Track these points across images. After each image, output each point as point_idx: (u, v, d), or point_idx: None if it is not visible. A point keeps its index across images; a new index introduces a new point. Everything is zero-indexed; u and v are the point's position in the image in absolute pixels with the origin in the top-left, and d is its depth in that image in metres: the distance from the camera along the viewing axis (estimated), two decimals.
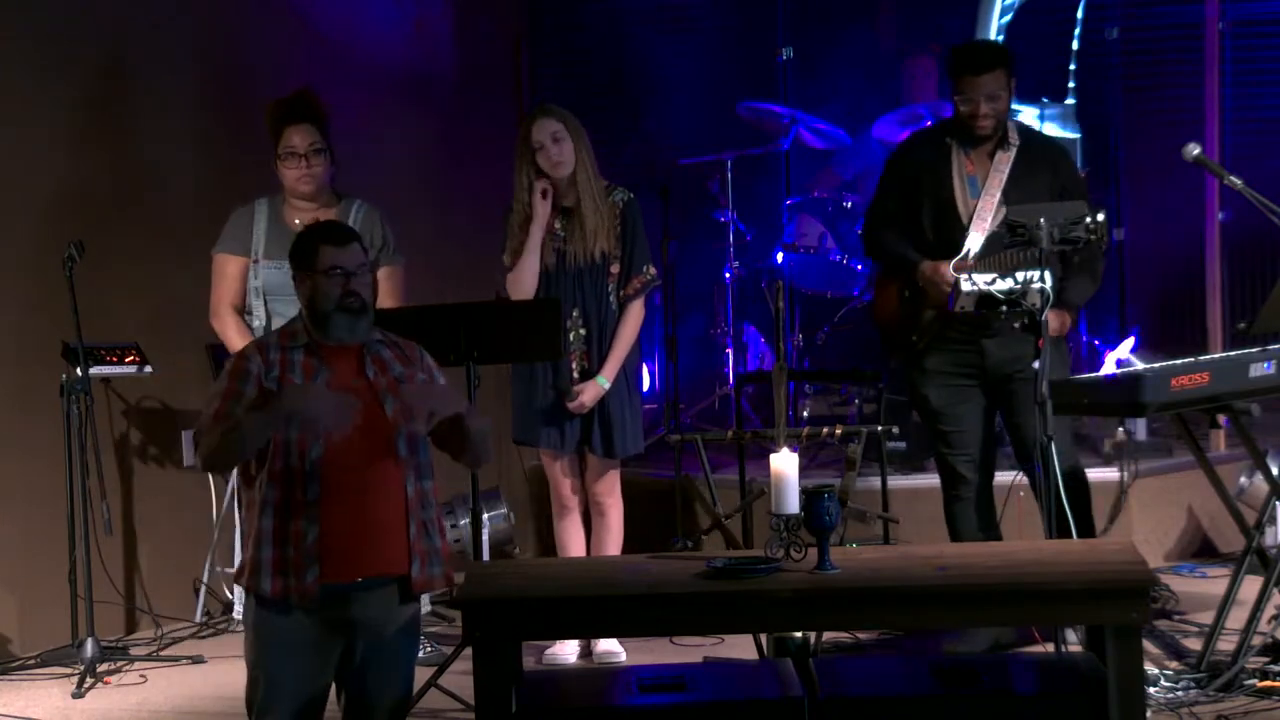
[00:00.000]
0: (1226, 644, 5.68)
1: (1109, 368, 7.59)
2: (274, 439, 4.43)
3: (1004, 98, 5.87)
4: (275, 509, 4.45)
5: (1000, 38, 8.13)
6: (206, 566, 7.02)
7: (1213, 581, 6.85)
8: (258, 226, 6.07)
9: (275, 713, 4.48)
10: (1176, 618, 6.40)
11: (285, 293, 5.49)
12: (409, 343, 4.69)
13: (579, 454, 6.23)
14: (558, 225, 6.15)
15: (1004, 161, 5.93)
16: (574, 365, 6.13)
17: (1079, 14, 8.36)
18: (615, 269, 6.15)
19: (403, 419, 4.48)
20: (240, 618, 6.76)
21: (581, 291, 6.14)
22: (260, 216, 6.08)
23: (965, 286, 5.56)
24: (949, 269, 5.84)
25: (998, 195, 5.88)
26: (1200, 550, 7.37)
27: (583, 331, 6.14)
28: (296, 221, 5.95)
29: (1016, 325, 5.79)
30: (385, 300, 6.14)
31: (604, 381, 6.09)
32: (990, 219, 5.84)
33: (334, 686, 4.58)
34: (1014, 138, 5.96)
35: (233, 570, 6.27)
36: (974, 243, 5.80)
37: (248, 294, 6.08)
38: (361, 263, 4.54)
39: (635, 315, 6.18)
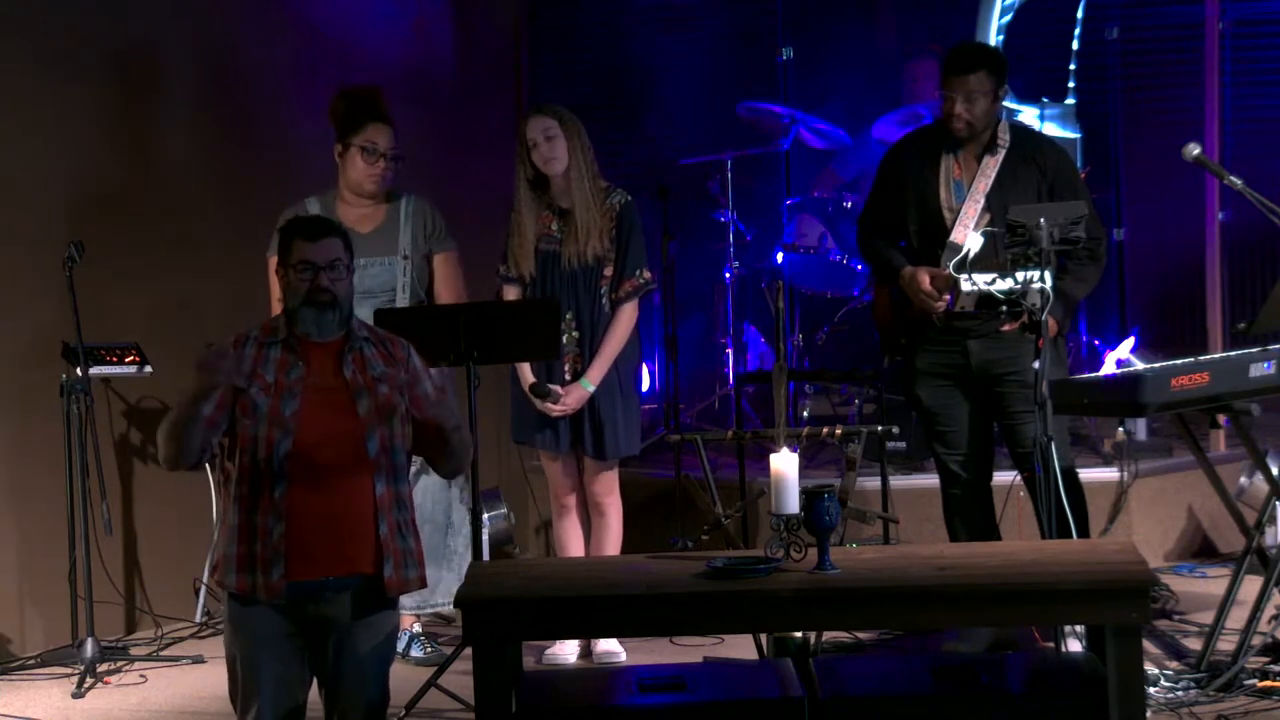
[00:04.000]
0: (1226, 644, 5.68)
1: (1109, 368, 7.58)
2: (241, 434, 4.44)
3: (984, 100, 5.83)
4: (242, 505, 4.46)
5: (1000, 38, 8.13)
6: (206, 566, 7.01)
7: (1213, 581, 6.85)
8: None
9: (256, 706, 4.49)
10: (1176, 618, 6.40)
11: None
12: (397, 339, 4.67)
13: (576, 455, 6.23)
14: (554, 227, 6.16)
15: (991, 166, 5.91)
16: (567, 368, 6.14)
17: (1079, 14, 8.36)
18: (608, 271, 6.16)
19: (376, 418, 4.48)
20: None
21: (575, 294, 6.14)
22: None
23: (965, 286, 5.56)
24: (926, 276, 5.84)
25: (981, 200, 5.87)
26: (1200, 550, 7.37)
27: (575, 334, 6.14)
28: (350, 217, 5.96)
29: (1005, 328, 5.81)
30: (443, 285, 6.22)
31: (588, 385, 6.09)
32: (972, 224, 5.83)
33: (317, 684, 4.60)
34: (1004, 140, 5.93)
35: None
36: (953, 248, 5.77)
37: None
38: (336, 258, 4.52)
39: (626, 319, 6.17)
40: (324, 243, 4.52)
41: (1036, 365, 5.28)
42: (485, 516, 6.18)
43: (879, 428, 6.02)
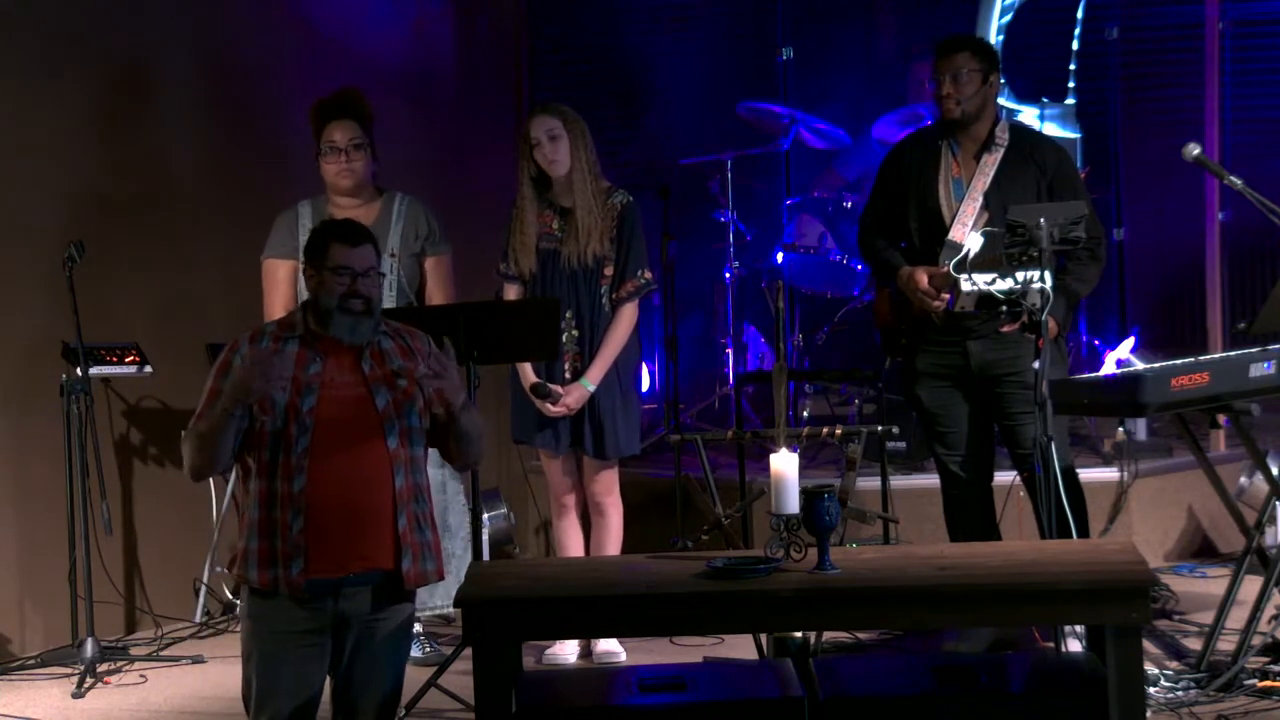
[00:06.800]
0: (1226, 644, 5.68)
1: (1109, 368, 7.58)
2: (261, 431, 4.44)
3: (973, 82, 5.84)
4: (262, 500, 4.46)
5: (1000, 38, 8.13)
6: (206, 566, 7.02)
7: (1213, 581, 6.85)
8: (303, 228, 6.07)
9: (271, 705, 4.47)
10: (1176, 618, 6.40)
11: None
12: (415, 332, 4.68)
13: (576, 454, 6.23)
14: (555, 226, 6.16)
15: (989, 164, 5.91)
16: (567, 367, 6.14)
17: (1079, 14, 8.36)
18: (609, 271, 6.15)
19: (395, 412, 4.48)
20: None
21: (576, 293, 6.14)
22: (305, 218, 6.10)
23: (965, 286, 5.56)
24: (924, 275, 5.84)
25: (980, 199, 5.87)
26: (1200, 550, 7.37)
27: (575, 333, 6.14)
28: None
29: (1004, 329, 5.81)
30: (435, 288, 6.22)
31: (588, 384, 6.09)
32: (971, 223, 5.83)
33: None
34: (1002, 139, 5.94)
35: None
36: (953, 247, 5.77)
37: (299, 296, 6.07)
38: (371, 265, 4.53)
39: (626, 319, 6.17)
40: (362, 249, 4.53)
41: (1036, 365, 5.28)
42: (485, 516, 6.18)
43: (879, 428, 6.01)
